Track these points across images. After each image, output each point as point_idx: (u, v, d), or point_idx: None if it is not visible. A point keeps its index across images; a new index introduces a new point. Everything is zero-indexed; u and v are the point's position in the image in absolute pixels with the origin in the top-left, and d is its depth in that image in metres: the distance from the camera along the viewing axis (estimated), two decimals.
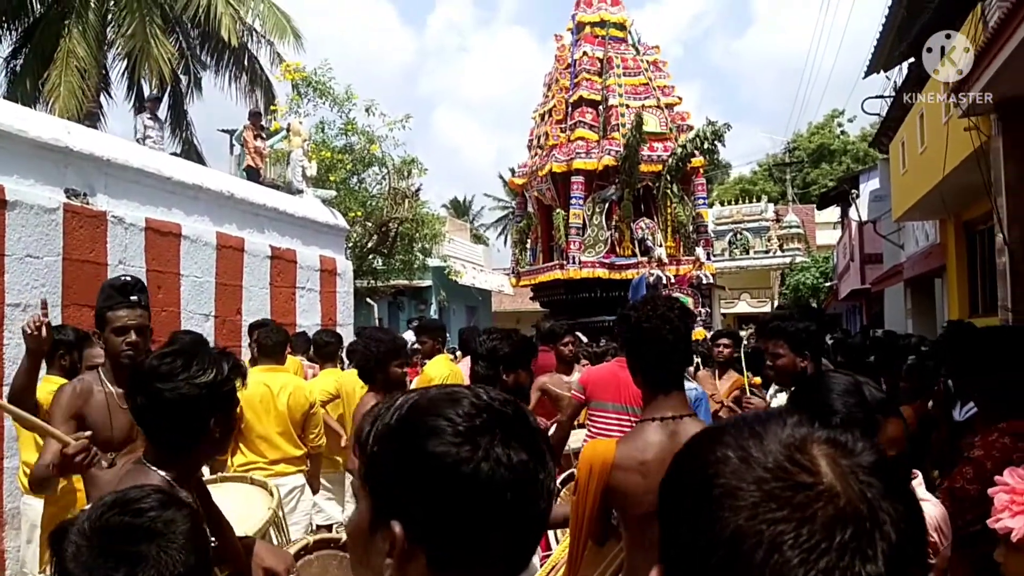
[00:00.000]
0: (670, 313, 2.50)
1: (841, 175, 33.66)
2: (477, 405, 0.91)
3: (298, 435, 4.62)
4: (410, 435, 0.90)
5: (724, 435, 0.69)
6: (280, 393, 4.59)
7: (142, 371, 1.98)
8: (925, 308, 13.33)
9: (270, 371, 4.80)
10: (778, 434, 0.67)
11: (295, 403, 4.62)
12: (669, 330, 2.44)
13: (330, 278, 10.92)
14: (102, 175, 7.09)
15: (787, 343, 3.63)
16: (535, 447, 0.92)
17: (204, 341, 3.88)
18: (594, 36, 20.73)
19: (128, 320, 3.02)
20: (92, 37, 14.05)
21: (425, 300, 24.26)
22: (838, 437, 0.67)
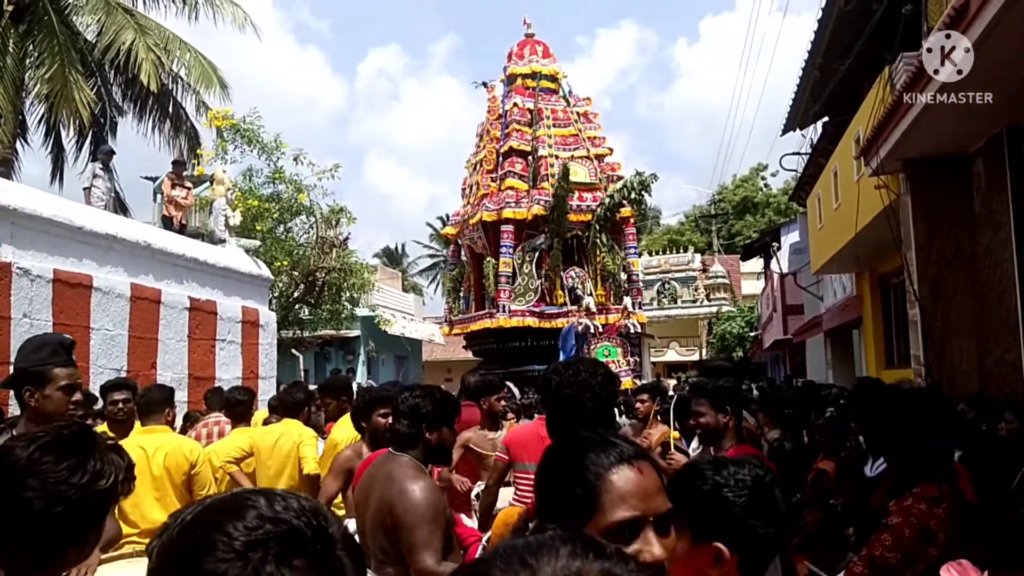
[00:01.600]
0: (592, 380, 2.45)
1: (764, 227, 34.68)
2: (263, 517, 0.81)
3: (180, 498, 4.33)
4: (186, 550, 0.81)
5: (493, 567, 0.64)
6: (156, 455, 4.31)
7: (9, 460, 1.57)
8: (844, 359, 13.68)
9: (148, 432, 4.51)
10: (552, 566, 0.64)
11: (173, 464, 4.33)
12: (590, 397, 2.39)
13: (252, 329, 10.65)
14: (8, 224, 6.81)
15: (708, 401, 3.65)
16: (333, 567, 0.83)
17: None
18: (525, 87, 21.08)
19: (75, 379, 2.96)
20: (9, 82, 13.62)
21: (353, 351, 23.88)
22: (613, 569, 0.63)
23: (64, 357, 2.97)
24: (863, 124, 8.02)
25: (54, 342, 3.00)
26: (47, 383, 2.88)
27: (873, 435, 4.53)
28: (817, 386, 10.31)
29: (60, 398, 2.88)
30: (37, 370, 2.90)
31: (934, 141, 6.29)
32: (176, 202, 11.06)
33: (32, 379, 2.89)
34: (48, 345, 2.97)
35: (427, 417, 3.23)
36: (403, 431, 3.24)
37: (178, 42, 15.59)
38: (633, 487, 1.32)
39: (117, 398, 5.23)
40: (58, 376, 2.89)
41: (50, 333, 3.29)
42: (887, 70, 7.33)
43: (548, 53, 21.89)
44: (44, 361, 2.91)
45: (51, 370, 2.90)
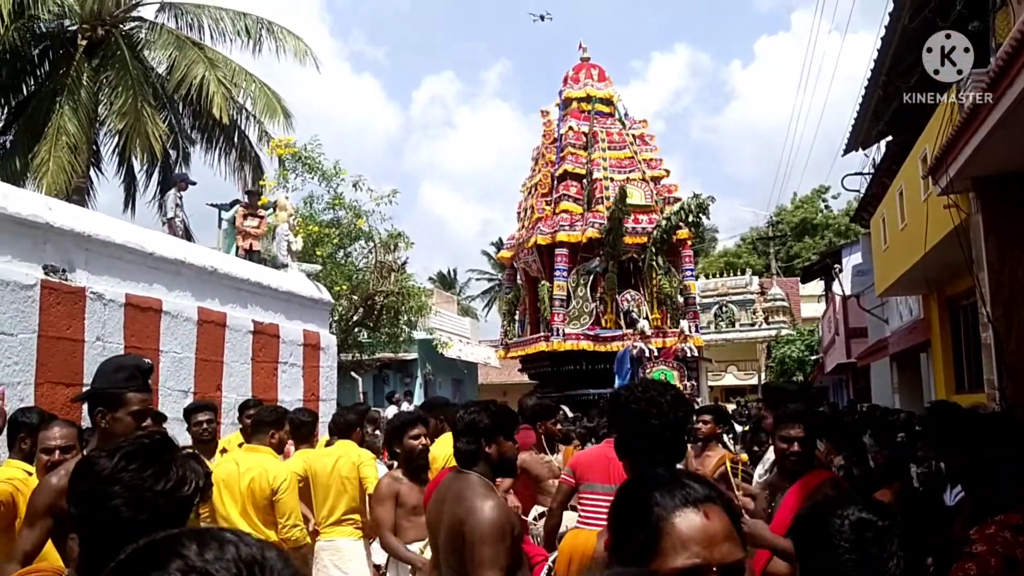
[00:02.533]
0: (661, 398, 2.43)
1: (824, 249, 34.05)
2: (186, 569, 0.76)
3: (265, 520, 4.45)
4: None
5: None
6: (245, 474, 4.46)
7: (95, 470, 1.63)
8: (912, 383, 13.30)
9: (248, 451, 4.68)
10: None
11: (257, 487, 4.46)
12: (657, 414, 2.37)
13: (313, 352, 10.81)
14: (82, 251, 7.05)
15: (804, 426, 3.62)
16: None
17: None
18: (580, 111, 21.15)
19: (147, 404, 2.97)
20: (84, 114, 14.18)
21: (411, 373, 24.05)
22: None
23: (139, 382, 2.96)
24: (930, 142, 7.85)
25: (131, 365, 3.01)
26: (119, 406, 2.89)
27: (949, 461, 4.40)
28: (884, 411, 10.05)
29: (129, 423, 2.88)
30: (111, 392, 2.91)
31: (1006, 158, 6.13)
32: (245, 231, 11.34)
33: (105, 400, 2.91)
34: (125, 368, 2.97)
35: (485, 431, 3.22)
36: (463, 448, 3.25)
37: (244, 74, 16.07)
38: (697, 533, 1.27)
39: (201, 419, 5.40)
40: (131, 401, 2.90)
41: (129, 355, 3.33)
42: (954, 87, 7.17)
43: (603, 76, 21.95)
44: (119, 384, 2.92)
45: (125, 394, 2.90)
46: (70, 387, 6.61)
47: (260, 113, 16.30)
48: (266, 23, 16.43)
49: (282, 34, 16.41)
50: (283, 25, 16.59)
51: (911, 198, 9.20)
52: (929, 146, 7.91)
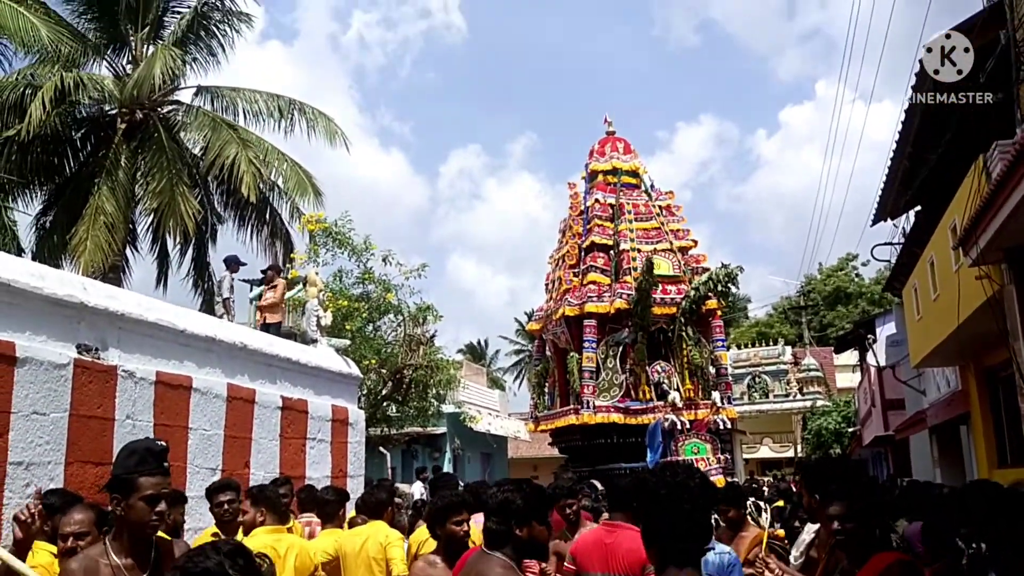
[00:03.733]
0: (690, 481, 2.38)
1: (857, 318, 33.63)
2: None
3: None
4: None
5: None
6: (287, 555, 4.43)
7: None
8: (952, 457, 12.91)
9: (274, 532, 4.64)
10: None
11: (301, 565, 4.45)
12: (688, 499, 2.30)
13: (342, 428, 10.78)
14: (115, 329, 7.15)
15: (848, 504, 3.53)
16: None
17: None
18: (606, 183, 21.33)
19: (162, 488, 2.94)
20: (121, 194, 14.60)
21: (439, 448, 23.85)
22: None
23: (152, 465, 2.95)
24: (959, 213, 7.80)
25: (142, 449, 2.99)
26: (132, 492, 2.87)
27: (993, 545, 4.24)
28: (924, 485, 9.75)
29: (143, 508, 2.86)
30: (124, 478, 2.91)
31: None
32: (260, 306, 11.52)
33: (119, 487, 2.90)
34: (136, 453, 2.96)
35: (517, 512, 3.16)
36: (493, 528, 3.18)
37: (276, 153, 16.51)
38: None
39: (223, 499, 5.35)
40: (142, 486, 2.88)
41: (141, 439, 3.33)
42: (981, 158, 7.16)
43: (629, 149, 22.20)
44: (131, 469, 2.92)
45: (136, 479, 2.89)
46: (99, 466, 6.63)
47: (291, 191, 16.69)
48: (298, 104, 16.94)
49: (314, 115, 16.89)
50: (314, 106, 17.11)
51: (942, 268, 9.10)
52: (958, 216, 7.85)
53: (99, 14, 15.98)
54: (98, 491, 2.97)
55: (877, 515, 3.99)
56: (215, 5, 16.76)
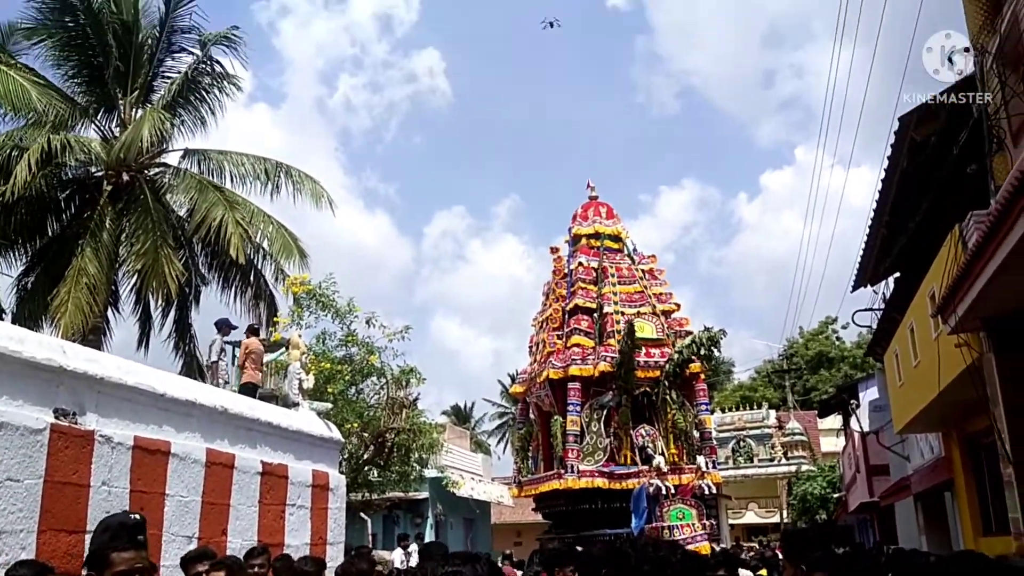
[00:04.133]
0: (672, 557, 2.36)
1: (840, 382, 33.72)
2: None
3: None
4: None
5: None
6: None
7: None
8: (938, 524, 12.83)
9: None
10: None
11: None
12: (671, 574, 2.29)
13: (322, 494, 10.60)
14: (94, 393, 7.06)
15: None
16: None
17: None
18: (589, 247, 21.54)
19: (135, 563, 2.88)
20: (104, 256, 14.56)
21: (421, 513, 23.45)
22: None
23: (125, 540, 2.91)
24: (937, 281, 7.91)
25: (115, 524, 2.97)
26: (104, 568, 2.83)
27: None
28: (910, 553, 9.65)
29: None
30: (98, 554, 2.88)
31: (1013, 298, 6.16)
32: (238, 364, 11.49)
33: (93, 563, 2.87)
34: (110, 529, 2.94)
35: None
36: None
37: (262, 215, 16.57)
38: None
39: (199, 570, 5.25)
40: (115, 562, 2.83)
41: (115, 514, 3.28)
42: (957, 227, 7.30)
43: (612, 214, 22.48)
44: (104, 545, 2.89)
45: (109, 555, 2.85)
46: (73, 534, 6.48)
47: (277, 253, 16.69)
48: (284, 167, 17.08)
49: (300, 177, 17.02)
50: (301, 169, 17.26)
51: (922, 335, 9.18)
52: (936, 284, 7.97)
53: (89, 78, 16.14)
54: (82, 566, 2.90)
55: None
56: (205, 70, 16.98)
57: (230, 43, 16.99)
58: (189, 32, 16.95)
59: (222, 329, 11.98)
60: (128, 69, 16.16)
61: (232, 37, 17.03)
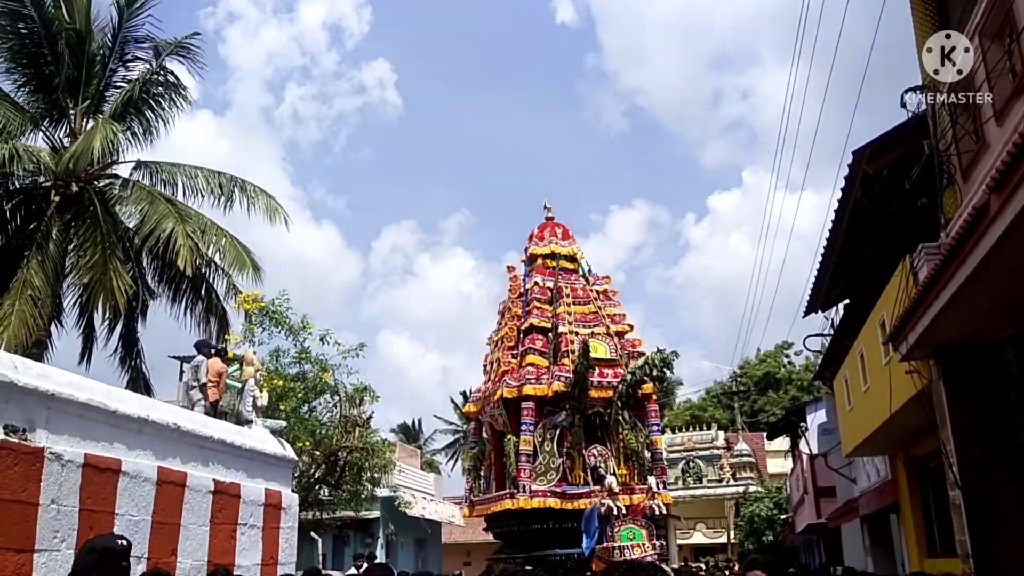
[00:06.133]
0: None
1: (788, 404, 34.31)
2: None
3: None
4: None
5: None
6: None
7: None
8: (884, 545, 13.12)
9: None
10: None
11: None
12: None
13: (274, 513, 10.43)
14: (44, 409, 6.87)
15: None
16: None
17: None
18: (545, 267, 21.67)
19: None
20: (50, 268, 14.18)
21: (372, 533, 23.18)
22: None
23: (110, 567, 2.89)
24: (887, 309, 8.15)
25: (101, 548, 2.95)
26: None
27: None
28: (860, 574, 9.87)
29: None
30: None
31: (962, 329, 6.37)
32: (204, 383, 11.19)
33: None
34: (95, 552, 2.92)
35: None
36: None
37: (215, 228, 16.33)
38: None
39: None
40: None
41: (103, 536, 3.24)
42: (908, 259, 7.53)
43: (567, 235, 22.68)
44: (88, 567, 2.87)
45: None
46: (20, 553, 6.28)
47: (229, 266, 16.43)
48: (239, 181, 16.86)
49: (255, 192, 16.82)
50: (256, 184, 17.05)
51: (872, 362, 9.43)
52: (887, 312, 8.20)
53: (39, 87, 15.78)
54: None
55: None
56: (157, 80, 16.73)
57: (187, 52, 16.80)
58: (143, 42, 16.71)
59: (202, 350, 11.69)
60: (80, 78, 15.84)
61: (188, 46, 16.84)
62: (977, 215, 4.70)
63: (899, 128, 7.17)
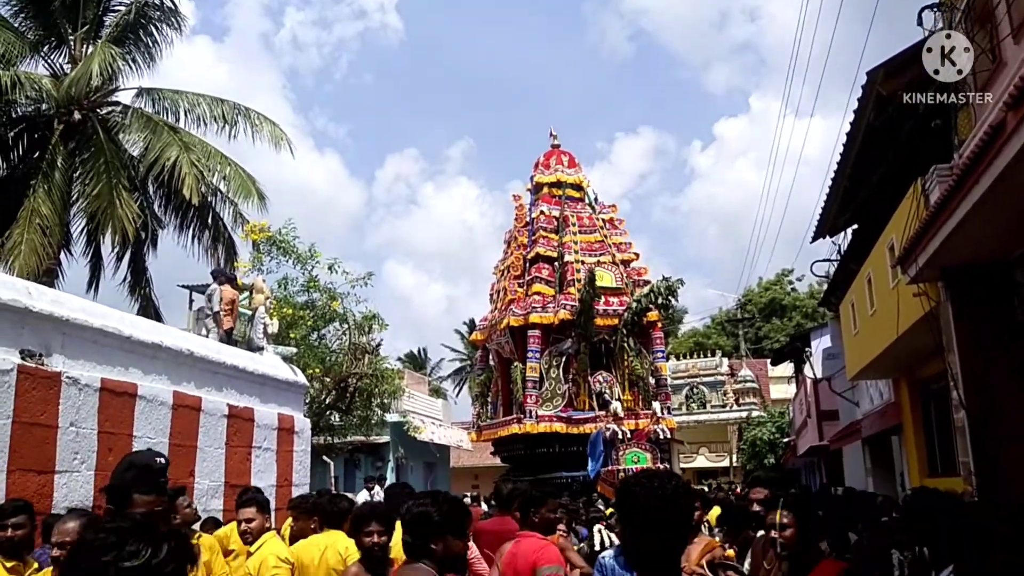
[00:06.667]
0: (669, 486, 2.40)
1: (792, 331, 34.50)
2: None
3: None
4: None
5: None
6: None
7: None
8: (884, 466, 13.36)
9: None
10: None
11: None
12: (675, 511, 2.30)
13: (287, 436, 10.66)
14: (60, 335, 6.97)
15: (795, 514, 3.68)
16: None
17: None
18: (551, 196, 21.60)
19: (155, 507, 2.90)
20: (57, 197, 14.15)
21: (383, 457, 23.68)
22: None
23: (148, 483, 2.92)
24: (897, 232, 8.12)
25: (140, 464, 2.96)
26: (124, 507, 2.84)
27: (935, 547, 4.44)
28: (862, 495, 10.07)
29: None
30: (119, 491, 2.87)
31: (972, 250, 6.36)
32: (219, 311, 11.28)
33: (113, 499, 2.86)
34: (134, 467, 2.92)
35: (432, 527, 3.17)
36: (410, 542, 3.19)
37: (219, 156, 16.20)
38: None
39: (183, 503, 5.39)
40: (135, 503, 2.85)
41: (141, 452, 3.27)
42: (919, 181, 7.47)
43: (574, 163, 22.51)
44: (127, 483, 2.88)
45: (131, 495, 2.86)
46: (41, 474, 6.46)
47: (234, 194, 16.36)
48: (242, 109, 16.65)
49: (258, 120, 16.64)
50: (259, 111, 16.85)
51: (879, 285, 9.44)
52: (896, 236, 8.17)
53: (37, 12, 15.48)
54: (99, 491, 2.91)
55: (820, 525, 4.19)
56: (153, 4, 16.41)
57: None
58: None
59: (217, 278, 11.75)
60: (77, 2, 15.53)
61: None
62: (992, 133, 4.65)
63: (915, 47, 7.03)
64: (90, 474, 6.96)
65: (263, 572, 4.88)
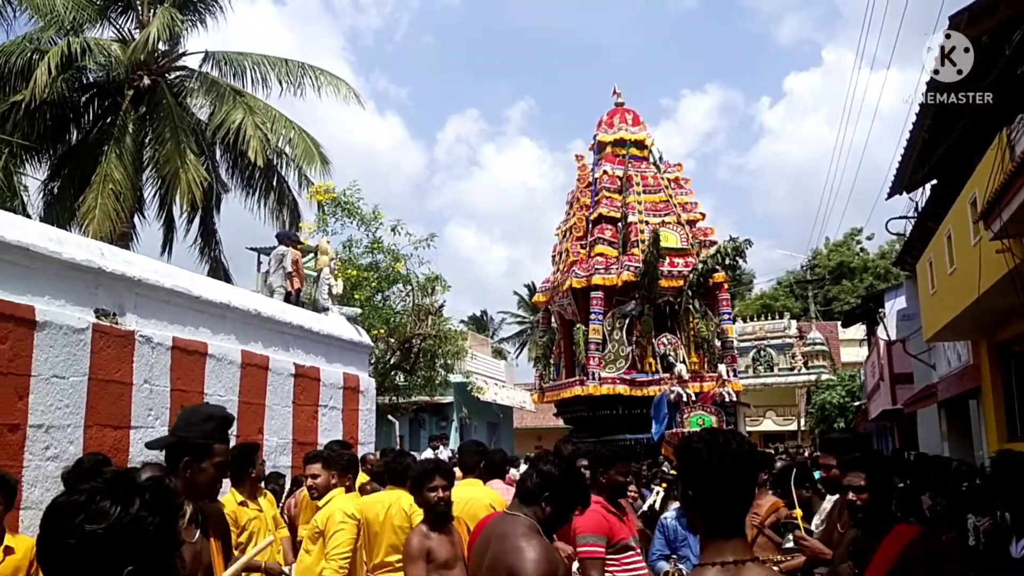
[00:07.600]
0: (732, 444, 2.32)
1: (863, 292, 33.56)
2: None
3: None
4: None
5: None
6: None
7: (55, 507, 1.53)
8: (961, 431, 12.92)
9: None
10: None
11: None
12: (744, 471, 2.24)
13: (353, 396, 10.81)
14: (132, 295, 7.14)
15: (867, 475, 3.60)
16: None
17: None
18: (614, 155, 21.23)
19: (227, 456, 2.98)
20: (128, 161, 14.49)
21: (446, 417, 23.98)
22: None
23: (224, 433, 2.97)
24: (980, 187, 7.73)
25: (220, 417, 2.97)
26: (205, 457, 2.84)
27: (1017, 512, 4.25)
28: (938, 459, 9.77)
29: (212, 473, 2.87)
30: (199, 443, 2.85)
31: None
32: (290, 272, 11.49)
33: (194, 450, 2.84)
34: (214, 419, 2.92)
35: (554, 488, 3.15)
36: (529, 487, 3.18)
37: (283, 120, 16.38)
38: None
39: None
40: (216, 452, 2.87)
41: (215, 405, 3.32)
42: (1004, 131, 7.08)
43: (637, 121, 22.06)
44: (208, 434, 2.89)
45: (213, 445, 2.87)
46: (118, 430, 6.66)
47: (298, 158, 16.55)
48: (307, 67, 16.75)
49: (326, 78, 16.72)
50: (324, 68, 16.94)
51: (960, 242, 9.04)
52: (979, 190, 7.79)
53: None
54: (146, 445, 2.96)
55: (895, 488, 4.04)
56: None
57: None
58: None
59: (284, 241, 11.94)
60: None
61: None
62: None
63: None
64: (164, 430, 7.14)
65: (329, 527, 4.96)
